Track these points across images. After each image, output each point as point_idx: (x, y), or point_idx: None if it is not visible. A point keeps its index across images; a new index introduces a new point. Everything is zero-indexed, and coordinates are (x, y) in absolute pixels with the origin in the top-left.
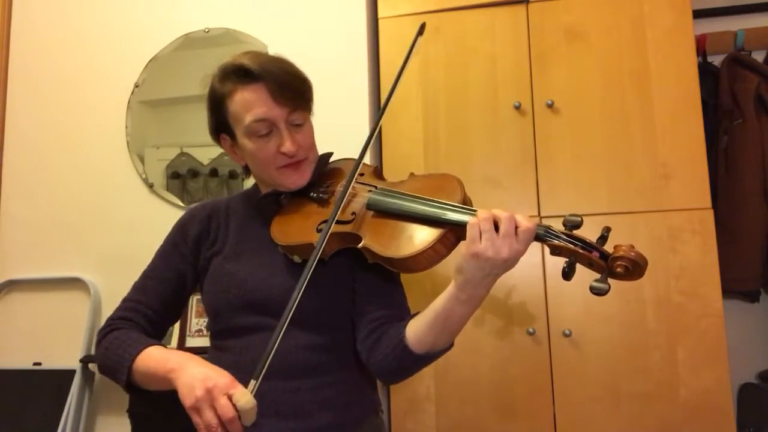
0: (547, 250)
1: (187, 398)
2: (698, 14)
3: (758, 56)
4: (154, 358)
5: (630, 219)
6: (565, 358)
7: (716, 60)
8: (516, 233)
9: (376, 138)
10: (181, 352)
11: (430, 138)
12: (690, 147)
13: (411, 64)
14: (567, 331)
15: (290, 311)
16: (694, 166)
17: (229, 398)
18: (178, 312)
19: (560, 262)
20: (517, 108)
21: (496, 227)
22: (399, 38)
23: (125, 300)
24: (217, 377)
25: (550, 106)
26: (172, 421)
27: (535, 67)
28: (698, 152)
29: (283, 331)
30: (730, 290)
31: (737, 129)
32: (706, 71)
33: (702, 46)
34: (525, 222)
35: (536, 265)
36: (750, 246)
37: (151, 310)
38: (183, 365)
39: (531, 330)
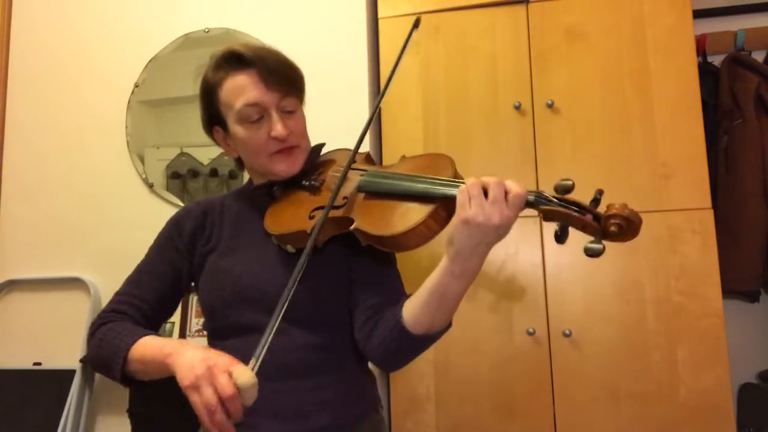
0: (546, 250)
1: (185, 378)
2: (698, 14)
3: (758, 56)
4: (150, 346)
5: None
6: (565, 358)
7: (716, 60)
8: (506, 199)
9: (376, 138)
10: (177, 339)
11: (430, 138)
12: (690, 147)
13: (411, 64)
14: (567, 331)
15: (291, 289)
16: (694, 166)
17: (230, 376)
18: (174, 306)
19: (561, 261)
20: (517, 108)
21: (486, 193)
22: (399, 38)
23: (118, 293)
24: (217, 357)
25: (550, 106)
26: (172, 422)
27: (535, 67)
28: (698, 152)
29: (284, 309)
30: (730, 290)
31: (737, 129)
32: (706, 71)
33: (702, 46)
34: (515, 187)
35: (536, 264)
36: (750, 246)
37: (146, 303)
38: (181, 350)
39: (531, 330)
